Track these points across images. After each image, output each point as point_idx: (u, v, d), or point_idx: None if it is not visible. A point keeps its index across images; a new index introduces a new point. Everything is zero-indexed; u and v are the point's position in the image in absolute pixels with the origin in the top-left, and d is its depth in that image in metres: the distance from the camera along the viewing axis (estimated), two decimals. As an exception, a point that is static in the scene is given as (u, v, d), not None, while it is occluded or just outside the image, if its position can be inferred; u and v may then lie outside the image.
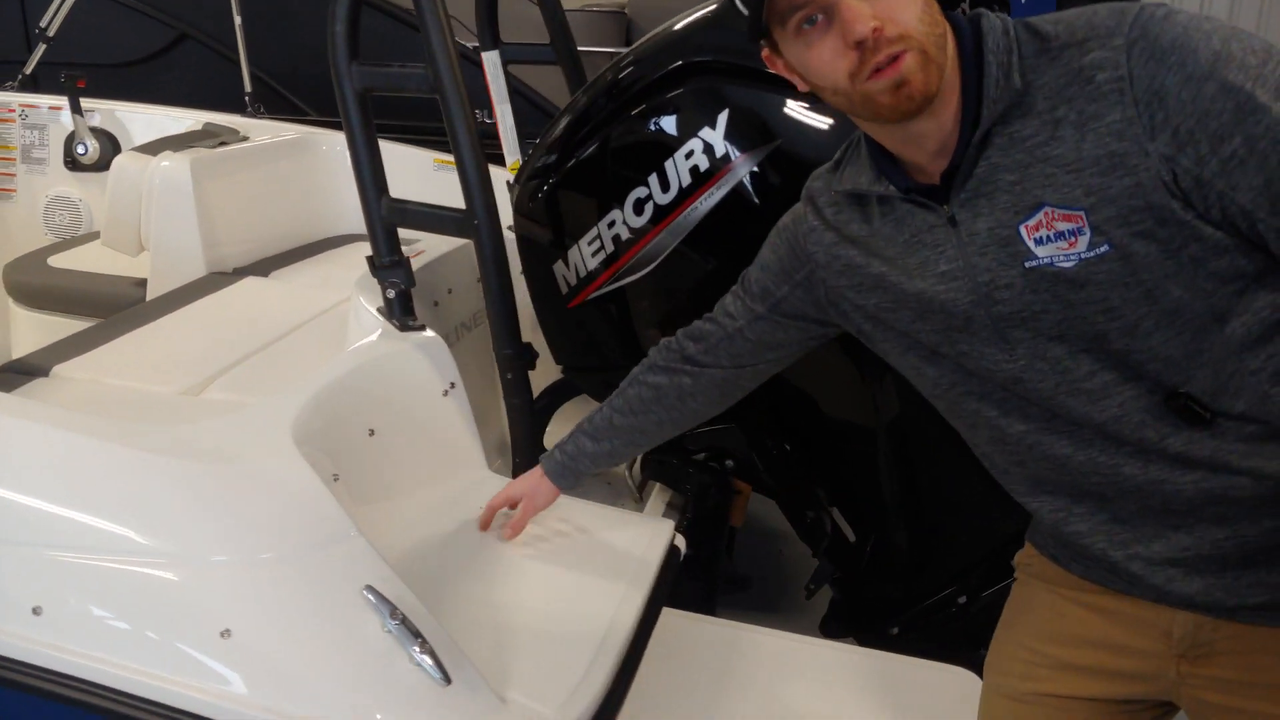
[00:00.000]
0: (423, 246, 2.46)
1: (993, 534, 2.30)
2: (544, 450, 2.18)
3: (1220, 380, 1.23)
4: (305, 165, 3.19)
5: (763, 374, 1.70)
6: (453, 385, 2.03)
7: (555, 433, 2.57)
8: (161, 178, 2.95)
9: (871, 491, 2.29)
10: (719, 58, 2.04)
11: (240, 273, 2.96)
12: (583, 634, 1.66)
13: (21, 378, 2.29)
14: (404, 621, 1.44)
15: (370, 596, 1.45)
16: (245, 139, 3.25)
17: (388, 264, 2.05)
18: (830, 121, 2.02)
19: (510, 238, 2.16)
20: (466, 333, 2.59)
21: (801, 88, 1.31)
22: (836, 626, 2.48)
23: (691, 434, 2.30)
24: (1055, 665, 1.48)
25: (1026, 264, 1.25)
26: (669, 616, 2.02)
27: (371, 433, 1.87)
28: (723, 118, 2.01)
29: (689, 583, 2.36)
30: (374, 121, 2.04)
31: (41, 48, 3.84)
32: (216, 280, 2.89)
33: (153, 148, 3.16)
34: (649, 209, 2.08)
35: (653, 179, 2.06)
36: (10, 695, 1.46)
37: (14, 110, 3.71)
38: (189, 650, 1.44)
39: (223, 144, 3.16)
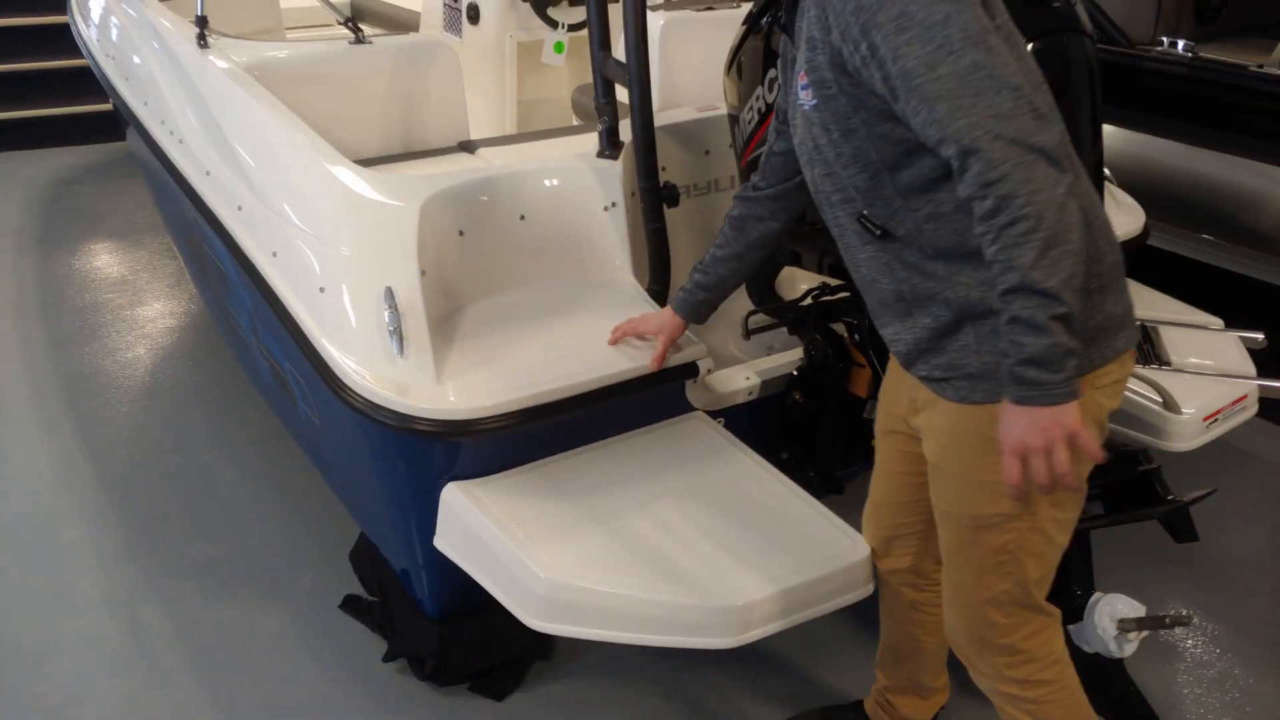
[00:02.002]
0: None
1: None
2: (667, 274, 2.74)
3: (890, 211, 1.73)
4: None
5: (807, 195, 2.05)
6: (613, 204, 2.67)
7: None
8: (646, 31, 3.83)
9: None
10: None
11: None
12: (551, 375, 2.29)
13: (460, 150, 3.42)
14: (394, 310, 2.26)
15: (384, 294, 2.29)
16: (735, 5, 3.95)
17: (601, 105, 2.74)
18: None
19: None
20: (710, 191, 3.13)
21: None
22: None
23: (829, 301, 2.68)
24: (884, 408, 2.09)
25: (798, 101, 1.79)
26: (697, 422, 2.52)
27: (522, 217, 2.62)
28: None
29: (801, 425, 2.76)
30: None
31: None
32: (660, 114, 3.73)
33: (667, 6, 4.04)
34: (777, 87, 2.46)
35: (780, 62, 2.44)
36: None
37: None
38: (303, 291, 2.44)
39: (709, 9, 3.91)
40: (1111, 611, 2.28)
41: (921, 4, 1.52)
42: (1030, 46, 2.09)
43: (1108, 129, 4.31)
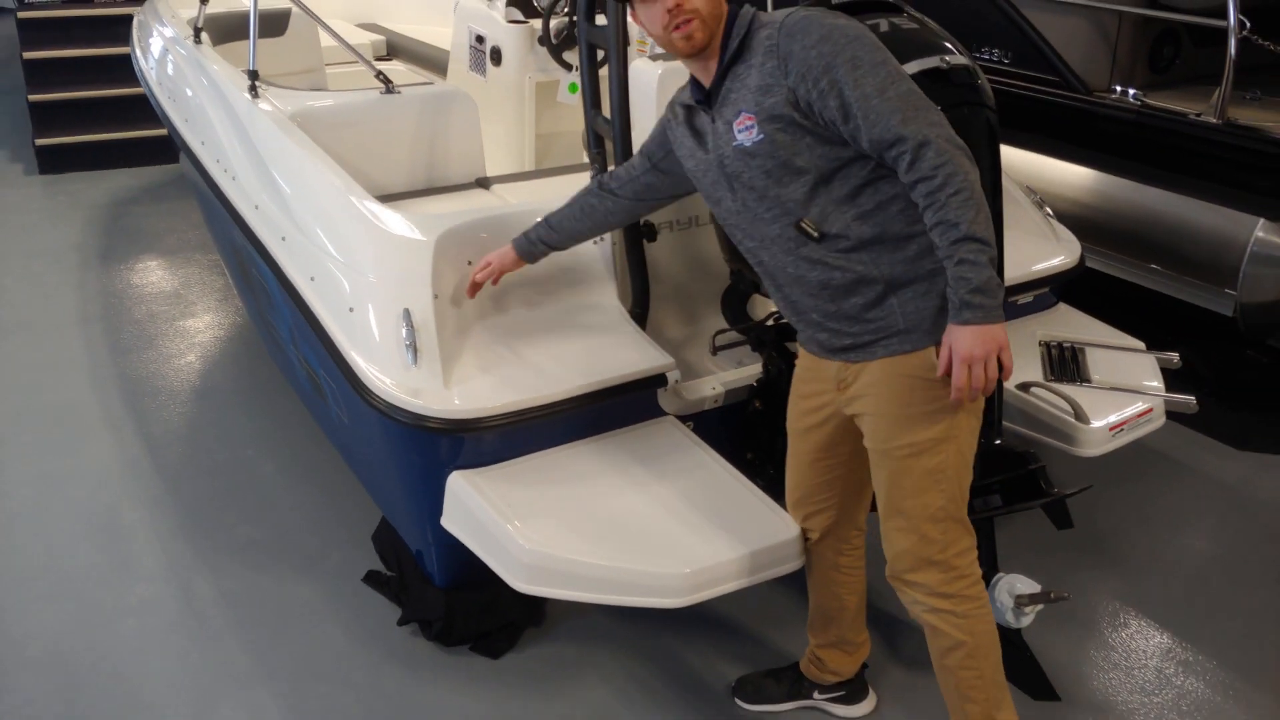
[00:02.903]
0: None
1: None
2: (646, 299, 3.19)
3: (824, 215, 2.22)
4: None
5: (654, 206, 2.75)
6: (601, 239, 3.13)
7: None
8: (644, 80, 4.28)
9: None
10: None
11: None
12: (542, 382, 2.75)
13: (475, 186, 3.89)
14: (410, 327, 2.72)
15: (402, 314, 2.75)
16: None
17: (593, 154, 3.20)
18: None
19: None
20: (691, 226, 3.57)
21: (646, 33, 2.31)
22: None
23: (786, 323, 3.11)
24: (800, 408, 2.53)
25: (733, 145, 2.25)
26: (666, 424, 2.97)
27: (523, 248, 3.07)
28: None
29: (761, 429, 3.20)
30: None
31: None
32: None
33: (665, 58, 4.50)
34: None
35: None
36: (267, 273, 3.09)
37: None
38: (336, 310, 2.91)
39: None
40: (1010, 588, 2.70)
41: (866, 51, 2.12)
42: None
43: (1066, 166, 4.76)
